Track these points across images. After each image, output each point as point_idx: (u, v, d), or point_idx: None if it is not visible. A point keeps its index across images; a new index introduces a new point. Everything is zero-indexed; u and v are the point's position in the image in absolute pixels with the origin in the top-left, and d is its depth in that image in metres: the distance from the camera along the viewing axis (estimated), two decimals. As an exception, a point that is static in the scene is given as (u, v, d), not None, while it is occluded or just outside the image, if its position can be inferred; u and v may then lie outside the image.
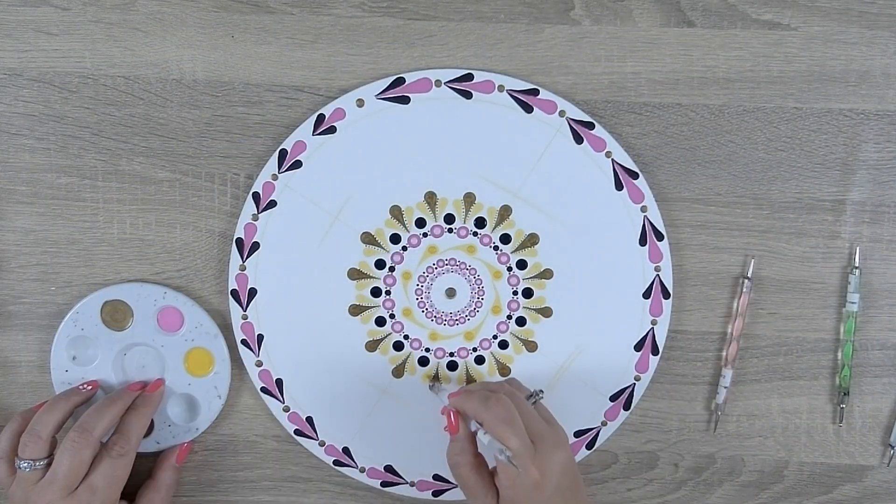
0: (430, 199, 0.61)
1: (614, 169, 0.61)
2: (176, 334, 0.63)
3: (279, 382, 0.63)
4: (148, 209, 0.63)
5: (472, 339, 0.63)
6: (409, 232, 0.62)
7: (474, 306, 0.62)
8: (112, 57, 0.62)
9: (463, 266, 0.62)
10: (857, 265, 0.61)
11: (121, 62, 0.62)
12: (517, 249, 0.61)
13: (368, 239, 0.62)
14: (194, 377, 0.63)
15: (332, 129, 0.61)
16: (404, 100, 0.61)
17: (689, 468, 0.64)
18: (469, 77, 0.60)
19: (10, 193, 0.64)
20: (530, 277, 0.62)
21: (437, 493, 0.64)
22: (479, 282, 0.62)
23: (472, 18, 0.61)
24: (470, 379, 0.63)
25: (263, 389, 0.63)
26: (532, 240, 0.61)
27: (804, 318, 0.62)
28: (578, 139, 0.60)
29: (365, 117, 0.61)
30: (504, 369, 0.63)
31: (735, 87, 0.61)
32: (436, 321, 0.62)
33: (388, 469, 0.64)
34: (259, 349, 0.63)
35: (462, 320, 0.62)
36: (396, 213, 0.61)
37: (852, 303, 0.61)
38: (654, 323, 0.62)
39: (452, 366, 0.63)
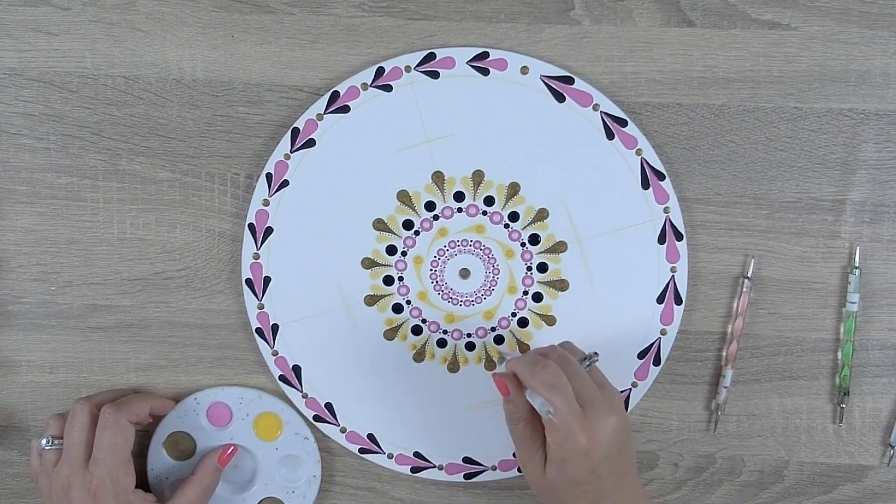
0: (438, 179, 0.61)
1: (642, 165, 0.61)
2: (232, 423, 0.64)
3: (297, 369, 0.63)
4: (148, 209, 0.63)
5: (490, 319, 0.62)
6: (420, 216, 0.62)
7: (489, 285, 0.62)
8: (112, 57, 0.62)
9: (476, 245, 0.62)
10: (857, 265, 0.61)
11: (121, 62, 0.62)
12: (527, 225, 0.61)
13: (381, 226, 0.62)
14: (276, 440, 0.64)
15: (345, 108, 0.61)
16: (434, 75, 0.60)
17: (689, 468, 0.64)
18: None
19: (10, 193, 0.64)
20: (543, 252, 0.61)
21: (468, 476, 0.64)
22: (492, 261, 0.62)
23: (472, 18, 0.61)
24: (489, 360, 0.63)
25: (281, 378, 0.63)
26: (542, 214, 0.61)
27: (804, 318, 0.62)
28: (610, 135, 0.60)
29: (377, 97, 0.61)
30: (523, 346, 0.62)
31: (735, 87, 0.61)
32: (451, 302, 0.62)
33: (417, 455, 0.64)
34: (274, 339, 0.63)
35: (478, 300, 0.62)
36: (405, 198, 0.61)
37: (852, 303, 0.61)
38: (663, 332, 0.62)
39: (470, 346, 0.63)
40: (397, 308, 0.63)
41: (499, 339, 0.63)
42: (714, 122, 0.61)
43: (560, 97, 0.60)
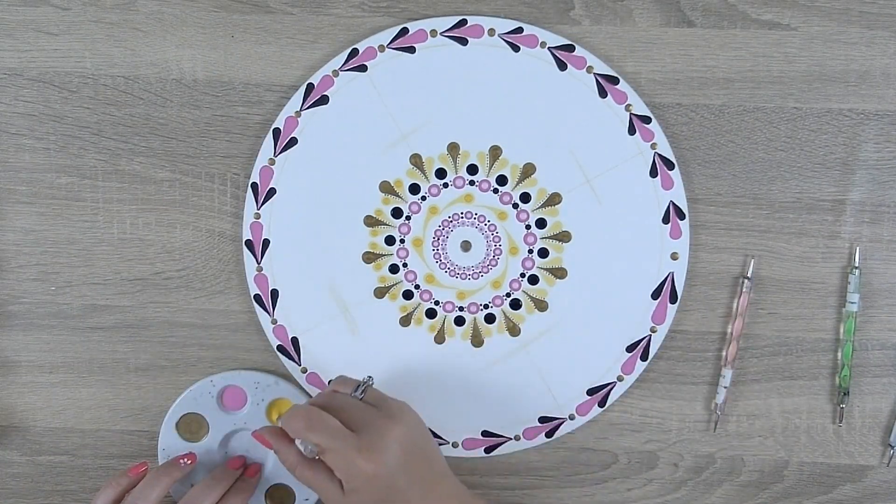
0: (417, 161, 0.61)
1: (654, 158, 0.61)
2: (245, 407, 0.64)
3: (294, 341, 0.63)
4: (148, 209, 0.63)
5: (500, 286, 0.62)
6: (407, 201, 0.62)
7: (493, 253, 0.62)
8: (112, 57, 0.62)
9: (469, 216, 0.62)
10: (856, 265, 0.61)
11: (121, 62, 0.62)
12: (516, 185, 0.61)
13: (371, 221, 0.62)
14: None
15: (362, 68, 0.61)
16: (463, 41, 0.60)
17: (689, 468, 0.64)
18: (519, 30, 0.60)
19: (10, 193, 0.64)
20: (539, 208, 0.61)
21: (489, 450, 0.63)
22: (490, 227, 0.62)
23: (472, 18, 0.61)
24: (512, 325, 0.62)
25: (280, 348, 0.63)
26: (528, 170, 0.61)
27: (804, 318, 0.62)
28: (632, 130, 0.61)
29: (397, 57, 0.61)
30: (542, 305, 0.62)
31: (735, 87, 0.61)
32: (459, 278, 0.62)
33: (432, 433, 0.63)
34: (274, 308, 0.63)
35: (485, 270, 0.62)
36: (387, 188, 0.62)
37: (852, 303, 0.61)
38: (653, 330, 0.62)
39: (490, 318, 0.62)
40: (407, 294, 0.63)
41: (515, 304, 0.62)
42: (714, 122, 0.61)
43: (603, 93, 0.61)
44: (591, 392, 0.63)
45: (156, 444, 0.65)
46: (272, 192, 0.62)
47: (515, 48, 0.60)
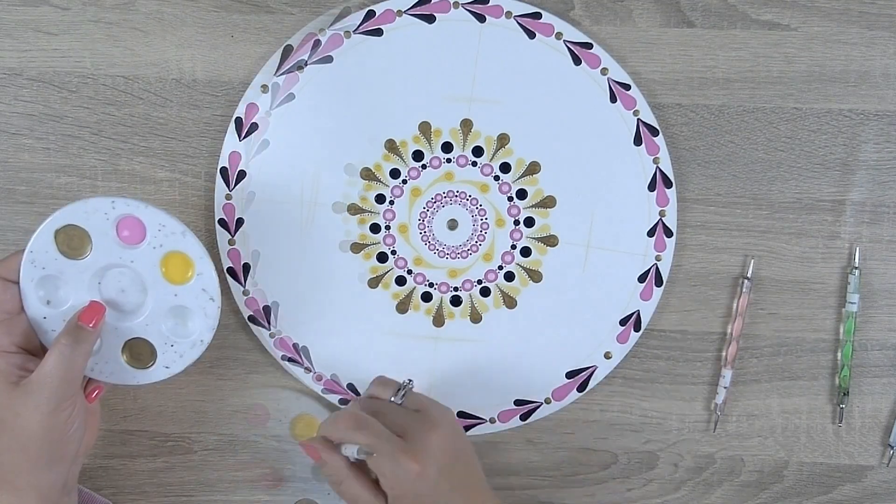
0: (391, 147, 0.61)
1: (638, 125, 0.61)
2: (140, 245, 0.54)
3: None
4: (148, 209, 0.63)
5: (491, 260, 0.62)
6: (388, 185, 0.62)
7: (480, 228, 0.62)
8: (112, 57, 0.62)
9: (451, 194, 0.62)
10: (856, 265, 0.61)
11: (121, 62, 0.62)
12: (493, 156, 0.61)
13: (356, 209, 0.62)
14: (178, 286, 0.55)
15: (328, 59, 0.61)
16: (430, 19, 0.60)
17: (688, 468, 0.64)
18: (485, 1, 0.60)
19: (10, 193, 0.64)
20: (531, 206, 0.61)
21: (466, 430, 0.63)
22: (473, 201, 0.61)
23: (472, 18, 0.61)
24: (508, 297, 0.62)
25: (286, 358, 0.63)
26: (503, 140, 0.61)
27: (804, 318, 0.62)
28: (613, 98, 0.60)
29: (362, 43, 0.61)
30: (536, 276, 0.62)
31: (735, 87, 0.61)
32: (450, 258, 0.62)
33: None
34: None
35: (476, 246, 0.62)
36: (367, 174, 0.61)
37: (852, 303, 0.61)
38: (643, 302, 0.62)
39: (485, 292, 0.62)
40: (400, 280, 0.62)
41: (509, 276, 0.62)
42: (714, 122, 0.61)
43: (577, 60, 0.61)
44: (569, 375, 0.62)
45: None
46: (251, 195, 0.62)
47: (481, 19, 0.60)
